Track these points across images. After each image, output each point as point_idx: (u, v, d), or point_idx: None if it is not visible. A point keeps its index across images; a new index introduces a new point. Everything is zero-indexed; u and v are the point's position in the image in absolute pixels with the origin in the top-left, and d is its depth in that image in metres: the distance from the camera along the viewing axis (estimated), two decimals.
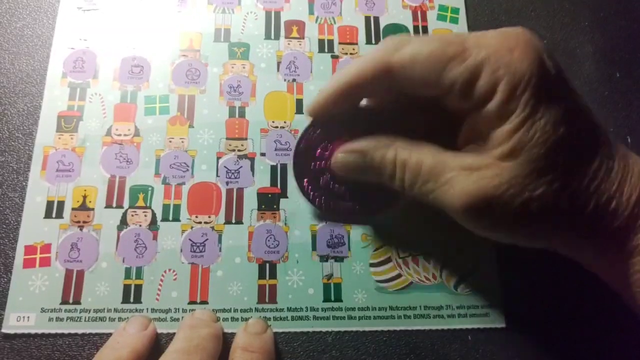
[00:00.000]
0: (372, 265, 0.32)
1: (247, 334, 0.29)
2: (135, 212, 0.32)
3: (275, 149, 0.34)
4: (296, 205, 0.33)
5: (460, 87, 0.24)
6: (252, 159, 0.34)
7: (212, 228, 0.32)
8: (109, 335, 0.29)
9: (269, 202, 0.33)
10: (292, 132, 0.35)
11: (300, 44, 0.37)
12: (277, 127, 0.35)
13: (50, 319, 0.30)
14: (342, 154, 0.29)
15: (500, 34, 0.25)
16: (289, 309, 0.31)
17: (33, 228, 0.31)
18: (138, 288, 0.31)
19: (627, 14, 0.40)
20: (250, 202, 0.33)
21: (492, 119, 0.24)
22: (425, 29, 0.38)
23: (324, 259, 0.32)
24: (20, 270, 0.30)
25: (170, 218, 0.32)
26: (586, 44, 0.39)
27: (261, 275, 0.31)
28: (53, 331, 0.30)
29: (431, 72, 0.25)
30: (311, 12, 0.38)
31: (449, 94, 0.25)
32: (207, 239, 0.32)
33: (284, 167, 0.34)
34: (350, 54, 0.37)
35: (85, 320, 0.30)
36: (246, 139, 0.34)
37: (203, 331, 0.28)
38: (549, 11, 0.40)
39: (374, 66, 0.26)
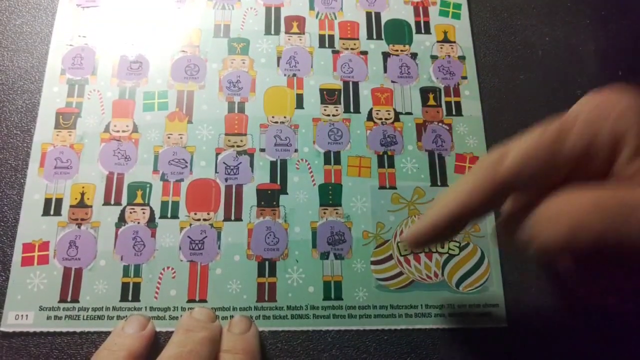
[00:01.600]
0: (373, 263, 0.32)
1: (230, 334, 0.29)
2: (133, 209, 0.32)
3: (275, 145, 0.34)
4: (296, 201, 0.33)
5: (581, 154, 0.22)
6: (251, 155, 0.34)
7: (211, 225, 0.32)
8: (107, 333, 0.29)
9: (268, 198, 0.33)
10: (292, 127, 0.34)
11: (300, 40, 0.37)
12: (277, 122, 0.34)
13: (48, 318, 0.29)
14: None
15: (586, 99, 0.24)
16: (288, 308, 0.31)
17: (31, 226, 0.31)
18: (136, 286, 0.30)
19: (628, 12, 0.40)
20: (249, 198, 0.33)
21: (636, 156, 0.22)
22: (427, 25, 0.38)
23: (324, 256, 0.32)
24: (18, 268, 0.30)
25: (169, 215, 0.32)
26: (588, 41, 0.39)
27: (260, 273, 0.31)
28: (51, 329, 0.29)
29: (545, 164, 0.23)
30: (312, 8, 0.38)
31: (573, 168, 0.23)
32: (206, 237, 0.32)
33: (283, 162, 0.33)
34: (351, 49, 0.37)
35: (83, 319, 0.30)
36: (245, 134, 0.34)
37: (198, 335, 0.27)
38: (551, 8, 0.40)
39: (483, 191, 0.24)
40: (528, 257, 0.25)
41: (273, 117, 0.35)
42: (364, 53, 0.37)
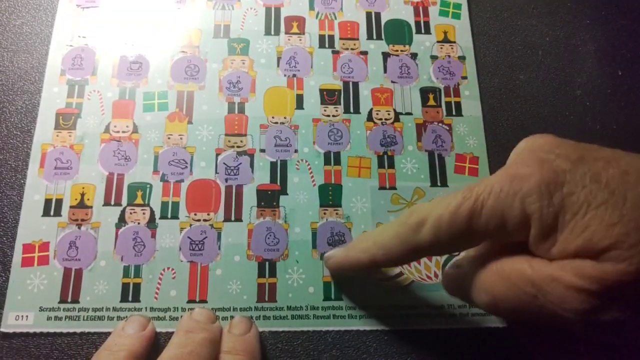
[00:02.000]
0: None
1: (230, 335, 0.29)
2: (133, 209, 0.32)
3: (275, 145, 0.34)
4: (296, 202, 0.33)
5: (495, 231, 0.23)
6: (251, 155, 0.34)
7: (211, 226, 0.32)
8: (107, 334, 0.29)
9: (268, 199, 0.33)
10: (292, 127, 0.34)
11: (300, 40, 0.37)
12: (276, 122, 0.34)
13: (48, 318, 0.29)
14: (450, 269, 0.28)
15: (500, 173, 0.24)
16: (288, 308, 0.31)
17: (31, 226, 0.31)
18: (137, 287, 0.30)
19: (628, 12, 0.40)
20: (249, 199, 0.33)
21: (542, 238, 0.22)
22: (427, 25, 0.38)
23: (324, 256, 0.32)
24: (18, 269, 0.30)
25: (169, 216, 0.32)
26: (588, 41, 0.39)
27: (261, 274, 0.31)
28: (52, 330, 0.29)
29: (460, 236, 0.24)
30: (311, 8, 0.38)
31: (487, 238, 0.24)
32: (206, 237, 0.32)
33: (283, 163, 0.33)
34: (351, 49, 0.37)
35: (83, 319, 0.30)
36: (245, 135, 0.34)
37: (198, 336, 0.27)
38: (551, 9, 0.40)
39: (400, 251, 0.26)
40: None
41: (273, 117, 0.35)
42: (364, 53, 0.37)
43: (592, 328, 0.22)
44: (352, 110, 0.35)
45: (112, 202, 0.32)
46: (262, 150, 0.34)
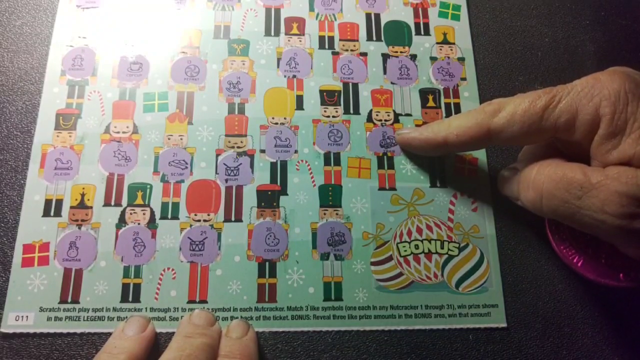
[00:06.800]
0: (373, 263, 0.32)
1: (228, 339, 0.29)
2: (133, 210, 0.32)
3: (275, 146, 0.34)
4: (296, 202, 0.33)
5: (563, 126, 0.26)
6: (251, 156, 0.34)
7: (212, 226, 0.32)
8: (107, 334, 0.29)
9: (268, 199, 0.33)
10: (292, 128, 0.34)
11: (300, 41, 0.37)
12: (277, 123, 0.35)
13: (49, 319, 0.29)
14: (504, 170, 0.31)
15: (585, 77, 0.26)
16: (289, 308, 0.31)
17: (31, 227, 0.31)
18: (137, 287, 0.30)
19: (628, 13, 0.40)
20: (249, 199, 0.33)
21: (607, 138, 0.25)
22: (426, 26, 0.38)
23: (324, 257, 0.32)
24: (18, 269, 0.30)
25: (169, 216, 0.32)
26: (587, 42, 0.39)
27: (261, 274, 0.31)
28: (52, 330, 0.29)
29: (530, 126, 0.26)
30: (311, 9, 0.38)
31: (555, 136, 0.27)
32: (206, 237, 0.32)
33: (283, 164, 0.34)
34: (351, 50, 0.37)
35: (84, 320, 0.30)
36: (246, 135, 0.34)
37: (197, 341, 0.27)
38: (550, 9, 0.40)
39: (473, 133, 0.28)
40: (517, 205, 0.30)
41: (273, 118, 0.35)
42: (364, 54, 0.37)
43: (623, 235, 0.24)
44: (352, 111, 0.35)
45: (113, 203, 0.32)
46: (262, 151, 0.34)
